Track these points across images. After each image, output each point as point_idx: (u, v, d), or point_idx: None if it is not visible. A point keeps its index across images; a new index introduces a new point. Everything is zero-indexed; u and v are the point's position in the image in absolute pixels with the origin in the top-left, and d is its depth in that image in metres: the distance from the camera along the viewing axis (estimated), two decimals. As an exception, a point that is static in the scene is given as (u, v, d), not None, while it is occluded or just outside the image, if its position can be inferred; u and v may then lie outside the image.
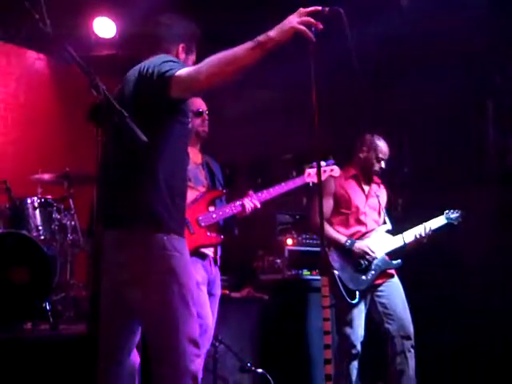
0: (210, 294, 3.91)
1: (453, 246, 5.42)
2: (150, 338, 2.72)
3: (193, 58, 3.10)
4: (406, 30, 5.46)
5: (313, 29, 2.62)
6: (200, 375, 2.71)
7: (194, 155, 3.98)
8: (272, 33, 2.58)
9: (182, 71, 2.66)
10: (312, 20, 2.60)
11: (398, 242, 4.83)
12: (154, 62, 2.78)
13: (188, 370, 2.59)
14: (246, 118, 6.74)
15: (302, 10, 2.63)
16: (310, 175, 4.24)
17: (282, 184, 4.17)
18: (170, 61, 2.77)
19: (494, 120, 5.83)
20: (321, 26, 2.63)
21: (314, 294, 5.48)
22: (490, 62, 5.61)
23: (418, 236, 4.83)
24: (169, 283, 2.67)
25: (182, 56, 3.03)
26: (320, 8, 2.67)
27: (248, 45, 2.58)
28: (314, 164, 3.90)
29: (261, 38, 2.58)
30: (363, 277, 4.71)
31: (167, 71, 2.67)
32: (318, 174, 2.88)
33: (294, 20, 2.60)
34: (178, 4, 5.58)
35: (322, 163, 4.34)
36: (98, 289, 2.20)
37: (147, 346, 2.75)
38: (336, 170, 4.45)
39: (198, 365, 2.63)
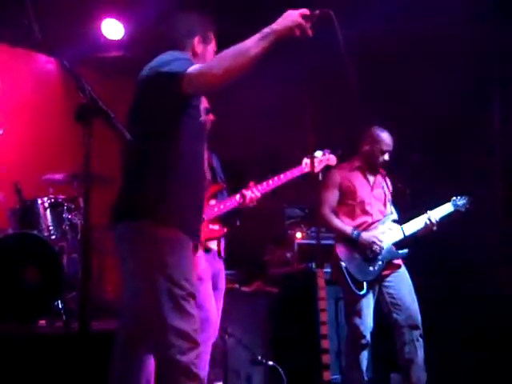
0: (215, 288, 3.96)
1: (460, 234, 5.42)
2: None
3: (212, 46, 3.10)
4: (408, 25, 5.46)
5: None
6: (198, 367, 2.72)
7: None
8: (276, 26, 2.66)
9: (193, 69, 2.68)
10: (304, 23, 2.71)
11: (404, 231, 4.86)
12: (164, 60, 2.81)
13: (176, 361, 2.63)
14: (257, 112, 6.77)
15: (293, 11, 2.70)
16: (307, 165, 4.27)
17: (281, 175, 4.20)
18: (181, 59, 2.79)
19: (501, 111, 5.81)
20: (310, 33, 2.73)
21: (327, 286, 5.50)
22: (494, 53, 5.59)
23: (426, 223, 4.85)
24: (156, 279, 2.69)
25: (200, 48, 3.04)
26: (309, 11, 2.73)
27: (256, 36, 2.64)
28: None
29: (267, 29, 2.65)
30: (370, 268, 4.72)
31: (178, 69, 2.69)
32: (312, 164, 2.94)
33: (295, 15, 2.68)
34: (186, 5, 5.67)
35: (319, 153, 4.38)
36: (87, 288, 2.26)
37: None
38: (332, 159, 4.47)
39: (191, 357, 2.65)
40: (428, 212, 4.87)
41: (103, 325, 4.84)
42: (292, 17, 2.68)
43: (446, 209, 4.95)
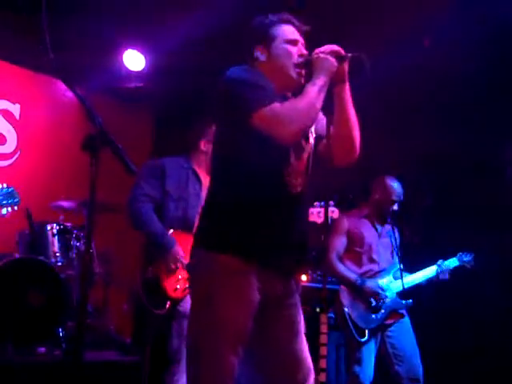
0: None
1: (465, 284, 5.39)
2: None
3: (281, 41, 2.80)
4: (423, 67, 5.49)
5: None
6: None
7: (206, 179, 3.94)
8: (324, 76, 2.64)
9: (265, 113, 2.57)
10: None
11: (409, 281, 4.83)
12: (230, 85, 2.69)
13: None
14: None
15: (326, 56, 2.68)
16: (313, 214, 4.26)
17: None
18: (246, 87, 2.64)
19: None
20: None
21: (329, 332, 5.44)
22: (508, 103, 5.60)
23: (431, 276, 4.85)
24: (199, 311, 2.63)
25: (263, 57, 2.81)
26: (342, 52, 2.71)
27: (315, 90, 2.61)
28: (317, 204, 3.94)
29: (319, 81, 2.63)
30: (373, 316, 4.71)
31: (247, 107, 2.59)
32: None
33: (332, 62, 2.66)
34: (205, 39, 5.75)
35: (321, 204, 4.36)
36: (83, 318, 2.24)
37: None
38: (336, 212, 4.51)
39: None
40: (434, 265, 4.88)
41: (100, 355, 4.83)
42: (329, 64, 2.66)
43: (452, 263, 4.97)
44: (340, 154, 2.74)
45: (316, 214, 4.22)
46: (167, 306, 4.00)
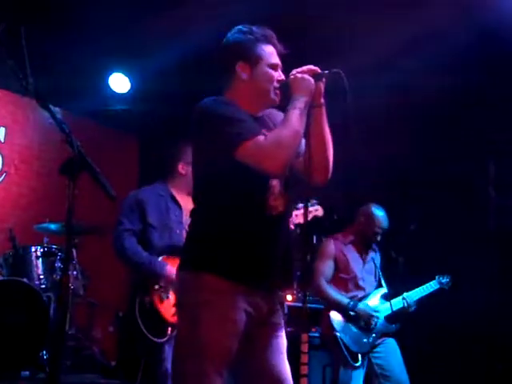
0: None
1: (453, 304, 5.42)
2: None
3: (265, 64, 2.78)
4: (412, 87, 5.55)
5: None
6: None
7: (187, 203, 3.93)
8: (303, 97, 2.64)
9: (249, 147, 2.56)
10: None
11: (397, 304, 4.86)
12: (209, 120, 2.68)
13: None
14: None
15: (302, 75, 2.69)
16: (297, 216, 4.26)
17: None
18: (226, 122, 2.62)
19: (495, 180, 5.87)
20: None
21: (314, 351, 5.44)
22: (491, 122, 5.66)
23: (405, 304, 4.86)
24: (185, 331, 2.65)
25: (244, 75, 2.77)
26: (318, 70, 2.72)
27: (296, 113, 2.61)
28: (300, 206, 3.93)
29: (300, 104, 2.63)
30: (365, 339, 4.72)
31: (229, 143, 2.58)
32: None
33: (310, 81, 2.67)
34: (192, 61, 5.79)
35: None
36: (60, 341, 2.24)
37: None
38: (320, 210, 4.46)
39: None
40: (405, 294, 4.91)
41: (84, 378, 4.81)
42: (307, 84, 2.67)
43: (432, 286, 5.03)
44: (314, 174, 2.73)
45: (300, 216, 4.21)
46: (169, 332, 4.00)
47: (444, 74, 5.38)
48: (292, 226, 4.01)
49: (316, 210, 4.38)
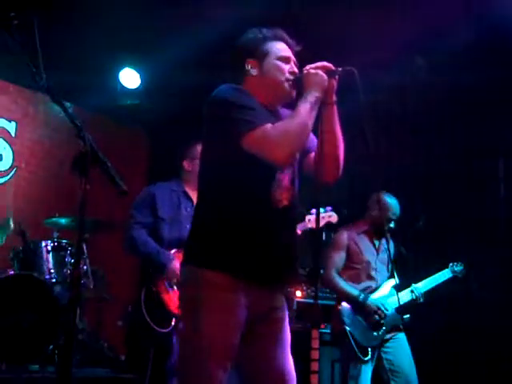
0: None
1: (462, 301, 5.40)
2: None
3: (274, 57, 2.79)
4: (419, 87, 5.54)
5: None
6: None
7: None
8: (315, 92, 2.64)
9: (257, 135, 2.56)
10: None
11: (406, 297, 4.84)
12: (219, 106, 2.68)
13: None
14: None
15: (315, 70, 2.69)
16: (310, 221, 4.28)
17: None
18: (235, 109, 2.62)
19: (505, 180, 5.84)
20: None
21: (323, 347, 5.44)
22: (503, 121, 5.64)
23: (413, 296, 4.86)
24: (188, 326, 2.65)
25: (254, 71, 2.80)
26: (332, 67, 2.71)
27: (307, 108, 2.61)
28: (313, 211, 3.94)
29: (311, 98, 2.63)
30: (375, 333, 4.70)
31: (237, 129, 2.59)
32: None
33: (323, 77, 2.67)
34: (202, 57, 5.79)
35: (321, 210, 4.38)
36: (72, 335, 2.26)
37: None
38: (334, 217, 4.46)
39: None
40: (413, 285, 4.90)
41: (93, 372, 4.83)
42: (320, 79, 2.67)
43: (445, 275, 4.98)
44: (325, 172, 2.73)
45: (313, 221, 4.21)
46: (172, 323, 4.04)
47: (455, 72, 5.35)
48: (299, 231, 4.04)
49: (330, 217, 4.40)
